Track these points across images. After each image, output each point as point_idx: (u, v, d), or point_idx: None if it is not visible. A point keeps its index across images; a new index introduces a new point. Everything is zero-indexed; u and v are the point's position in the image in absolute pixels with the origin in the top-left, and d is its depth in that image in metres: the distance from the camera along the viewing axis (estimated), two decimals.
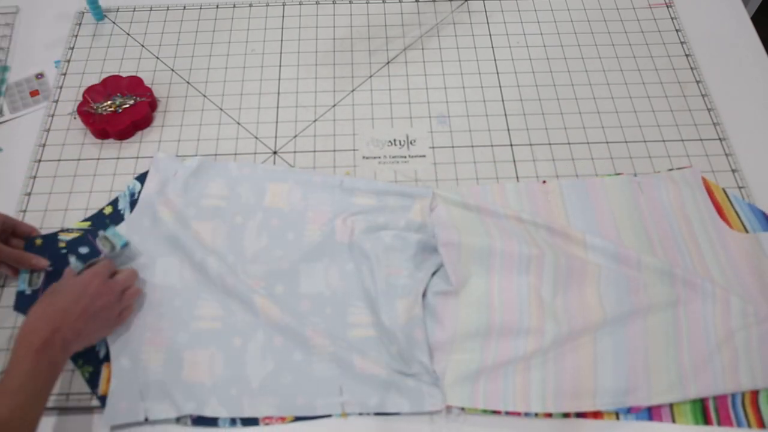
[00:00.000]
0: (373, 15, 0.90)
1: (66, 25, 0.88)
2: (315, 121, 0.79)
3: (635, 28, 0.89)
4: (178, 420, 0.59)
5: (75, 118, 0.78)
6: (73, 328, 0.55)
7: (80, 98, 0.78)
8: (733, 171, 0.75)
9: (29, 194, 0.73)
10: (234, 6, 0.91)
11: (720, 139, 0.78)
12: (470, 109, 0.80)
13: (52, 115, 0.79)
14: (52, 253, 0.64)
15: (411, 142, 0.77)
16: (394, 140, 0.78)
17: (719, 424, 0.60)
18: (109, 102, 0.77)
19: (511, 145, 0.77)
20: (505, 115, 0.80)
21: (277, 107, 0.80)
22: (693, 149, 0.77)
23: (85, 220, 0.70)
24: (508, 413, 0.59)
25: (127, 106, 0.77)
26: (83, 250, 0.64)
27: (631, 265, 0.66)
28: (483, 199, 0.71)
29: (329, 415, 0.60)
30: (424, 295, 0.65)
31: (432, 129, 0.78)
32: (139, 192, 0.71)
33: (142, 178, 0.73)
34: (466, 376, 0.60)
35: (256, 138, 0.77)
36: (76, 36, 0.87)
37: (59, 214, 0.71)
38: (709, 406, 0.61)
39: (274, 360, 0.62)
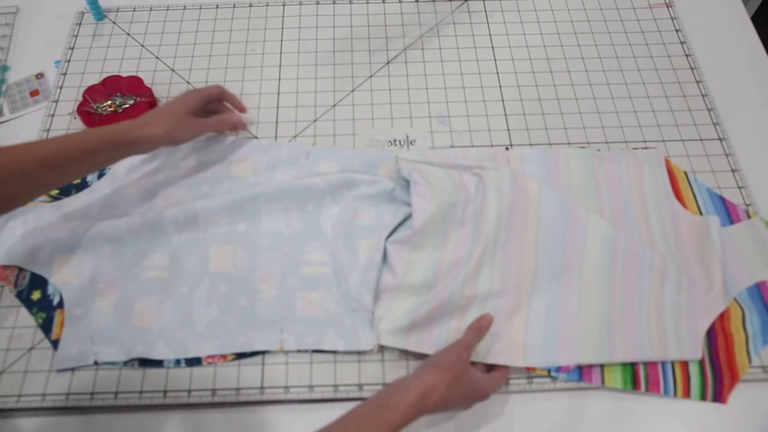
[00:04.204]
0: (373, 15, 0.90)
1: (66, 25, 0.88)
2: (315, 121, 0.79)
3: (635, 28, 0.89)
4: (126, 363, 0.61)
5: (75, 118, 0.78)
6: (442, 404, 0.54)
7: (80, 98, 0.78)
8: (733, 171, 0.75)
9: None
10: (234, 6, 0.91)
11: (720, 139, 0.78)
12: (470, 109, 0.80)
13: (52, 115, 0.79)
14: None
15: (411, 142, 0.77)
16: (394, 140, 0.78)
17: (647, 390, 0.60)
18: (109, 102, 0.77)
19: (511, 144, 0.77)
20: (505, 115, 0.80)
21: (277, 107, 0.80)
22: (693, 149, 0.77)
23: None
24: None
25: (127, 106, 0.77)
26: None
27: (578, 223, 0.68)
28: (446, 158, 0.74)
29: (268, 351, 0.62)
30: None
31: (432, 129, 0.78)
32: None
33: None
34: (403, 320, 0.62)
35: (257, 138, 0.77)
36: (76, 36, 0.87)
37: None
38: (639, 371, 0.61)
39: (219, 306, 0.65)
